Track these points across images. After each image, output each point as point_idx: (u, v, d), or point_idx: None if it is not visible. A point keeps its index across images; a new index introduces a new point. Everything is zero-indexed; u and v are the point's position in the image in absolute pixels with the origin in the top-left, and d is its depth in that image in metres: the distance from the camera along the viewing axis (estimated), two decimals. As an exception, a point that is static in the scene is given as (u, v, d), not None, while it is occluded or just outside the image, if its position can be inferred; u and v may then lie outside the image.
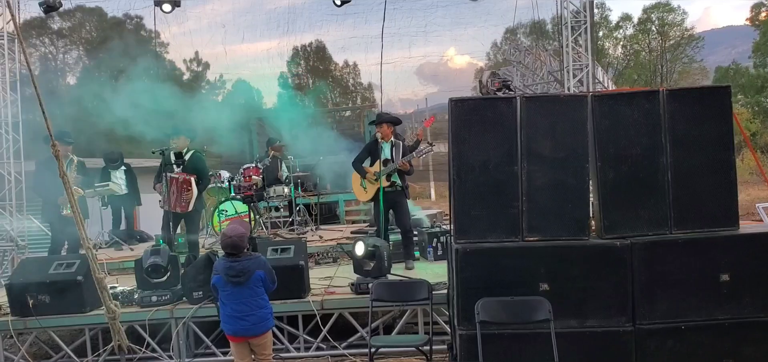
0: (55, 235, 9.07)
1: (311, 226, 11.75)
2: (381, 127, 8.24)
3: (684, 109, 5.14)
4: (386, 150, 8.22)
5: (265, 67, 21.71)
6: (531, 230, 5.16)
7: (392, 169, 8.11)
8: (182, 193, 8.17)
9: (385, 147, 8.23)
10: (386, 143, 8.24)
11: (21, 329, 7.10)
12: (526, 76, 19.08)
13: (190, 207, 8.34)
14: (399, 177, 8.23)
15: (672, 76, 45.37)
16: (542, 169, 5.17)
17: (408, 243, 8.42)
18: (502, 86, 6.91)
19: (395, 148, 8.25)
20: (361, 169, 8.47)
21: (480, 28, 18.67)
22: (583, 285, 5.06)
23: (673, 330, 5.00)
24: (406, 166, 8.16)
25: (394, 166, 8.08)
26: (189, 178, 8.22)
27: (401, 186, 8.26)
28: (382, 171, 8.15)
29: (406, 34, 16.88)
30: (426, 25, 17.48)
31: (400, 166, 8.10)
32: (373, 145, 8.46)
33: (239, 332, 5.36)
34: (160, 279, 7.13)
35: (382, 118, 8.45)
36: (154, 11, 11.60)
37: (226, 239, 5.35)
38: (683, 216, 5.11)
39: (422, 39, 18.05)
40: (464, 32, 19.06)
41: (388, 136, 8.26)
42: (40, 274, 7.16)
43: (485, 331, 4.92)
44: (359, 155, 8.62)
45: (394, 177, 8.19)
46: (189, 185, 8.20)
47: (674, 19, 45.69)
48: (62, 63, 24.26)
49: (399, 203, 8.32)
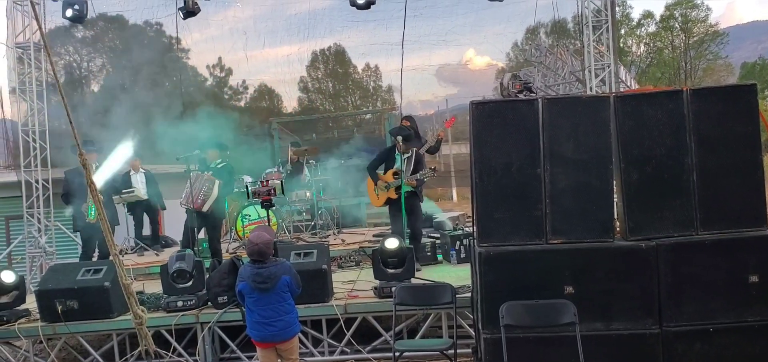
0: (85, 243, 9.18)
1: (333, 230, 11.78)
2: (398, 141, 8.32)
3: (709, 109, 5.10)
4: (398, 160, 8.28)
5: (286, 72, 21.80)
6: (555, 233, 5.14)
7: (396, 184, 8.28)
8: (202, 188, 8.31)
9: (398, 157, 8.29)
10: (399, 154, 8.31)
11: (50, 334, 7.21)
12: (547, 77, 18.96)
13: (206, 207, 8.46)
14: None
15: (696, 73, 44.75)
16: (565, 170, 5.15)
17: (417, 246, 8.42)
18: (524, 88, 6.90)
19: (408, 161, 8.33)
20: (375, 175, 8.66)
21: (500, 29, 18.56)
22: (609, 288, 5.03)
23: (701, 333, 4.96)
24: (413, 183, 8.23)
25: (398, 182, 8.23)
26: (212, 177, 8.34)
27: (414, 190, 8.33)
28: (391, 183, 8.38)
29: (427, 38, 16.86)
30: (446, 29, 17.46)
31: (407, 183, 8.18)
32: (389, 152, 8.62)
33: (267, 338, 5.39)
34: (185, 284, 7.20)
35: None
36: (176, 18, 11.69)
37: (252, 246, 5.37)
38: (709, 216, 5.05)
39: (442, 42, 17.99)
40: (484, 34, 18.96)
41: (402, 149, 8.32)
42: (68, 280, 7.26)
43: (510, 335, 4.91)
44: (374, 160, 8.83)
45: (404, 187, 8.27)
46: (211, 184, 8.33)
47: (697, 15, 45.07)
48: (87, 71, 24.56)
49: (413, 205, 8.36)
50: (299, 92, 32.55)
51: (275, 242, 7.14)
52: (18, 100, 12.28)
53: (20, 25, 12.10)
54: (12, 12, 12.00)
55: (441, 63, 20.15)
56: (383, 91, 34.38)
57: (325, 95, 34.65)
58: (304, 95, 33.71)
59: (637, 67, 44.61)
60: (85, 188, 8.13)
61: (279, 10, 18.32)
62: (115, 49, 22.43)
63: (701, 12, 44.85)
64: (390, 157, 8.47)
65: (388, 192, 8.47)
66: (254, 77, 25.24)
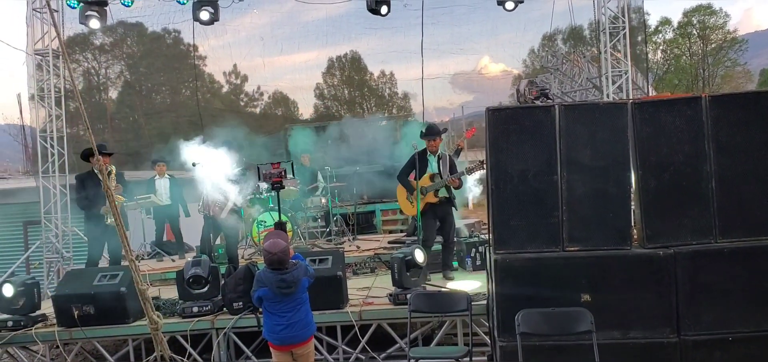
0: (92, 249, 9.11)
1: (348, 236, 11.78)
2: (435, 140, 8.12)
3: (727, 115, 5.04)
4: (433, 163, 8.16)
5: (302, 79, 21.91)
6: (571, 240, 5.10)
7: (440, 184, 8.04)
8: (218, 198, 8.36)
9: (431, 160, 8.15)
10: (433, 156, 8.17)
11: (67, 339, 7.24)
12: (564, 83, 18.91)
13: (223, 213, 8.48)
14: (446, 189, 8.16)
15: (714, 80, 44.40)
16: (582, 177, 5.11)
17: (448, 254, 8.36)
18: (540, 94, 6.85)
19: (442, 160, 8.16)
20: (408, 183, 8.33)
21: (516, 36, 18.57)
22: (626, 296, 4.98)
23: (720, 342, 4.89)
24: (457, 182, 8.07)
25: (443, 181, 8.00)
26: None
27: (448, 197, 8.18)
28: (430, 186, 8.10)
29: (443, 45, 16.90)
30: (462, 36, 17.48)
31: (450, 183, 8.02)
32: (419, 156, 8.19)
33: (287, 340, 5.38)
34: (201, 290, 7.22)
35: (434, 131, 8.26)
36: (194, 25, 11.78)
37: (271, 256, 5.31)
38: (728, 224, 4.99)
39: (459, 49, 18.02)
40: (500, 41, 19.00)
41: (435, 148, 8.16)
42: (84, 286, 7.31)
43: (526, 343, 4.87)
44: (404, 168, 8.42)
45: (442, 191, 8.14)
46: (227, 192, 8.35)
47: (716, 21, 44.75)
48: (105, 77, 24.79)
49: (448, 214, 8.24)
50: (315, 98, 32.66)
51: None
52: (36, 106, 12.41)
53: (39, 32, 12.24)
54: (31, 19, 12.14)
55: (456, 70, 20.13)
56: (399, 98, 34.42)
57: (341, 102, 34.75)
58: (319, 102, 33.83)
59: (654, 74, 44.27)
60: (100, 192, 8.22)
61: (295, 17, 18.45)
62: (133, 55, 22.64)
63: (719, 18, 44.53)
64: (422, 162, 8.14)
65: (426, 198, 8.13)
66: (270, 83, 25.36)
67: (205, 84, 22.63)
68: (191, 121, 18.88)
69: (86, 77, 23.68)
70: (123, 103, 24.26)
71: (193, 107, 19.07)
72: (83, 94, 20.12)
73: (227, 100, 27.55)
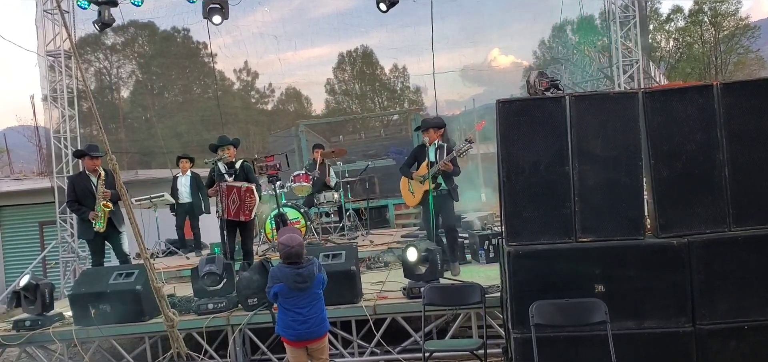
0: (92, 254, 8.94)
1: (362, 231, 11.80)
2: (427, 132, 8.29)
3: (740, 103, 5.00)
4: (431, 153, 8.25)
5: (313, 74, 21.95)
6: (584, 231, 5.09)
7: (436, 170, 8.13)
8: (246, 201, 8.32)
9: (430, 151, 8.26)
10: (431, 147, 8.27)
11: (84, 338, 7.33)
12: (574, 74, 18.79)
13: (253, 214, 8.52)
14: (444, 180, 8.22)
15: (727, 67, 43.97)
16: (594, 168, 5.09)
17: (450, 249, 8.38)
18: (551, 85, 6.80)
19: (439, 150, 8.27)
20: (408, 173, 8.60)
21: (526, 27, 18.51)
22: (640, 286, 4.96)
23: (736, 330, 4.87)
24: (449, 166, 8.14)
25: (437, 166, 8.11)
26: (251, 187, 8.37)
27: (447, 189, 8.26)
28: (426, 174, 8.19)
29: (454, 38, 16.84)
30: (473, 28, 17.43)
31: (442, 167, 8.10)
32: (420, 149, 8.56)
33: (303, 336, 5.42)
34: (215, 287, 7.27)
35: (427, 124, 8.48)
36: (206, 24, 11.79)
37: (288, 249, 5.35)
38: (742, 212, 4.96)
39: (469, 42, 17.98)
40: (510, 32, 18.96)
41: (433, 140, 8.29)
42: (100, 285, 7.39)
43: (540, 334, 4.87)
44: (407, 160, 8.79)
45: (439, 179, 8.19)
46: (251, 193, 8.35)
47: (727, 8, 44.31)
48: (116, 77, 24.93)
49: (445, 206, 8.32)
50: (326, 94, 32.73)
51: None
52: (50, 107, 12.49)
53: (51, 34, 12.31)
54: (42, 20, 12.21)
55: (467, 63, 20.07)
56: (410, 92, 34.42)
57: (352, 97, 34.79)
58: (331, 97, 33.90)
59: (666, 63, 43.99)
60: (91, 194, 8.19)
61: (305, 13, 18.45)
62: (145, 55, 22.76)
63: (731, 5, 44.06)
64: (421, 154, 8.44)
65: (424, 185, 8.31)
66: (281, 80, 25.43)
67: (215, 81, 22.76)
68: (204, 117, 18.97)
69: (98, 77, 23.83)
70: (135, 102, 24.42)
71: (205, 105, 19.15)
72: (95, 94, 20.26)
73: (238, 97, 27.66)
